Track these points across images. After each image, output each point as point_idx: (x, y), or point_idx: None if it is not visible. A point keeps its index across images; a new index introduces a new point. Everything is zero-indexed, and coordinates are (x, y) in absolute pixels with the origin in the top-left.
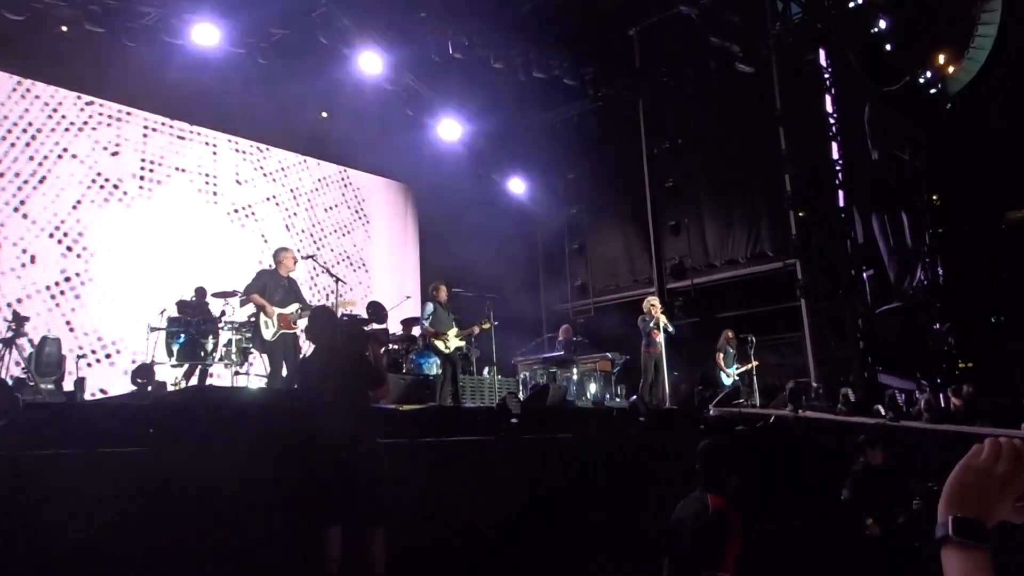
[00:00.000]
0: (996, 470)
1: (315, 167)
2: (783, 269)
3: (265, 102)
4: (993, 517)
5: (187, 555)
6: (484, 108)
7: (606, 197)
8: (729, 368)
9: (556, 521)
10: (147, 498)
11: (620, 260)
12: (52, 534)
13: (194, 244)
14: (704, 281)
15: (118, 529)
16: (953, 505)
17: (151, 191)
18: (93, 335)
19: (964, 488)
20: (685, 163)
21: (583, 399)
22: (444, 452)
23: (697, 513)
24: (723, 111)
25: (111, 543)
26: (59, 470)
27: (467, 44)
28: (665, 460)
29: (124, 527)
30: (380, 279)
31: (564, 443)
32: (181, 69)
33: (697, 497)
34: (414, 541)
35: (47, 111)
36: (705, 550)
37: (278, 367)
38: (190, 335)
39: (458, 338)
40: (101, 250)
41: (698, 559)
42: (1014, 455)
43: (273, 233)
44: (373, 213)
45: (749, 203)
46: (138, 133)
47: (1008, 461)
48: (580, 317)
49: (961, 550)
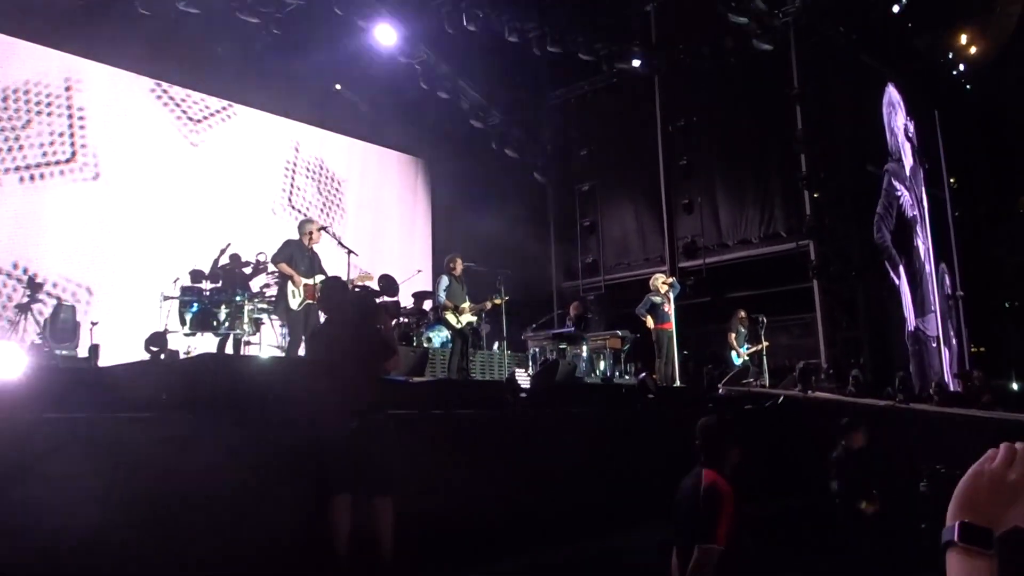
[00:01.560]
0: (1009, 476)
1: (328, 139)
2: (796, 250)
3: (278, 73)
4: (1004, 524)
5: (195, 520)
6: (498, 83)
7: (619, 174)
8: (740, 348)
9: (564, 496)
10: (158, 463)
11: (632, 238)
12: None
13: (204, 216)
14: (716, 260)
15: (128, 492)
16: (962, 510)
17: (162, 162)
18: (109, 302)
19: (974, 493)
20: (699, 141)
21: (592, 376)
22: (453, 425)
23: (693, 487)
24: (739, 89)
25: (120, 506)
26: (72, 434)
27: (481, 16)
28: (673, 438)
29: (136, 488)
30: (391, 253)
31: (572, 419)
32: (194, 39)
33: (696, 472)
34: (420, 513)
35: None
36: (697, 524)
37: (298, 338)
38: (203, 304)
39: (471, 312)
40: (116, 222)
41: (691, 532)
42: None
43: (282, 205)
44: (385, 187)
45: (763, 183)
46: (147, 102)
47: (1022, 467)
48: (591, 294)
49: (966, 555)
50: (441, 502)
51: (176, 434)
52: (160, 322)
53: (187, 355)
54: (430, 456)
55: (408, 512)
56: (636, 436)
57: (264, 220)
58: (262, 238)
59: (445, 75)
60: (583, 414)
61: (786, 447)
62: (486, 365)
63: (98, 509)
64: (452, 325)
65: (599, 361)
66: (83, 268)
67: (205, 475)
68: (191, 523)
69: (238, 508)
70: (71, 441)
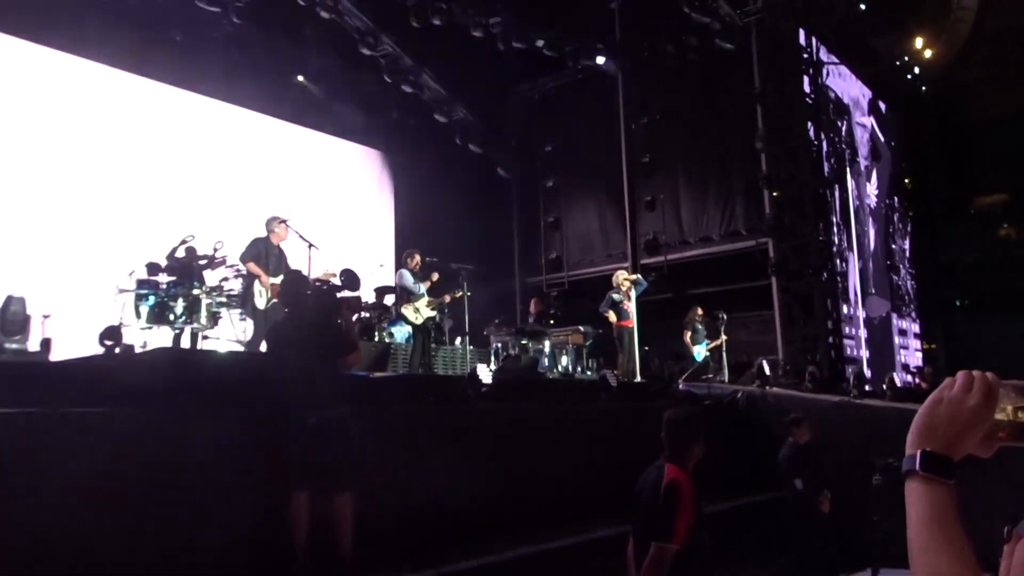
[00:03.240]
0: (968, 402)
1: (289, 131)
2: (756, 247)
3: (239, 64)
4: (961, 451)
5: (151, 518)
6: (462, 77)
7: (582, 171)
8: (699, 344)
9: (525, 491)
10: (111, 459)
11: (595, 234)
12: (12, 493)
13: (160, 207)
14: (678, 257)
15: (81, 490)
16: (922, 438)
17: (119, 150)
18: (62, 295)
19: (934, 420)
20: (662, 139)
21: (554, 371)
22: (414, 420)
23: (654, 482)
24: (702, 88)
25: (74, 504)
26: (23, 429)
27: (446, 10)
28: (633, 432)
29: (88, 488)
30: (353, 247)
31: (534, 413)
32: (153, 26)
33: (659, 466)
34: (382, 509)
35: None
36: (656, 520)
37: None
38: (159, 298)
39: (429, 307)
40: (70, 211)
41: (649, 527)
42: (986, 388)
43: (243, 198)
44: (347, 180)
45: (725, 181)
46: (107, 90)
47: (979, 394)
48: (554, 290)
49: (927, 484)
50: (402, 499)
51: (130, 430)
52: (115, 315)
53: (143, 349)
54: (391, 452)
55: (368, 509)
56: (597, 430)
57: (222, 212)
58: (220, 230)
59: (409, 68)
60: (545, 409)
61: (745, 442)
62: (448, 360)
63: (48, 507)
64: (411, 321)
65: (561, 356)
66: (35, 259)
67: (160, 472)
68: (146, 521)
69: (195, 505)
70: (20, 437)
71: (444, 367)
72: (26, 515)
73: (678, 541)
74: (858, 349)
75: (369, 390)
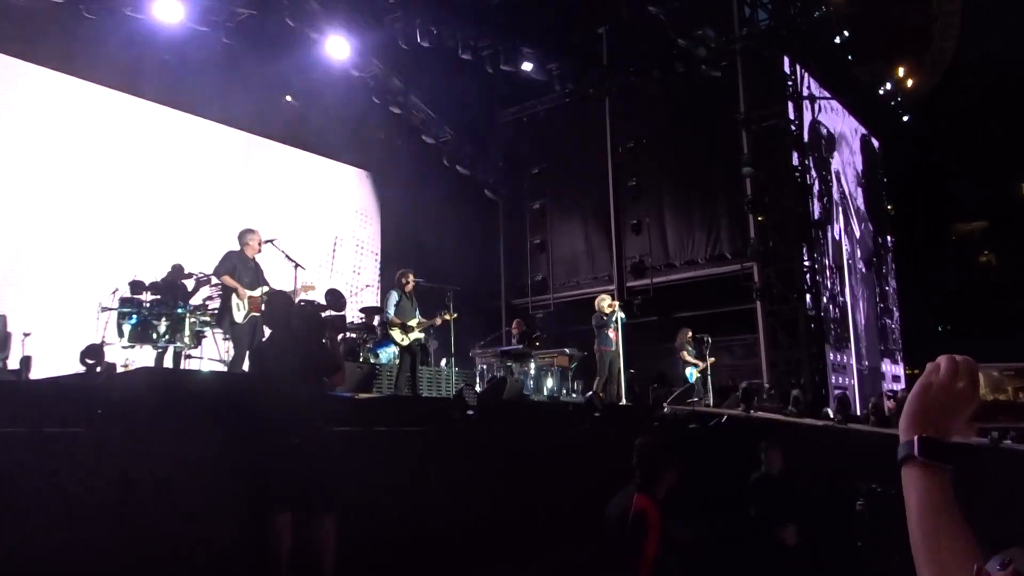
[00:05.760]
0: (956, 386)
1: (277, 151)
2: (741, 271)
3: (228, 83)
4: (951, 435)
5: (132, 540)
6: (450, 99)
7: (569, 194)
8: (692, 367)
9: (508, 514)
10: (92, 480)
11: (581, 257)
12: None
13: (147, 224)
14: (663, 280)
15: (61, 511)
16: (916, 424)
17: (105, 168)
18: (43, 313)
19: (926, 406)
20: (649, 163)
21: (540, 394)
22: (399, 442)
23: (622, 512)
24: (688, 113)
25: (54, 524)
26: (1, 449)
27: (435, 33)
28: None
29: (68, 508)
30: (340, 267)
31: (519, 436)
32: (142, 45)
33: (628, 493)
34: (365, 531)
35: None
36: (620, 550)
37: (243, 352)
38: (142, 316)
39: (419, 329)
40: (53, 227)
41: (614, 557)
42: (969, 370)
43: (229, 216)
44: (334, 200)
45: (710, 205)
46: (95, 108)
47: (966, 377)
48: (539, 312)
49: (924, 469)
50: (385, 520)
51: (111, 451)
52: (97, 334)
53: (124, 368)
54: (375, 473)
55: (351, 530)
56: (582, 454)
57: (208, 231)
58: (206, 249)
59: (397, 90)
60: (530, 431)
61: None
62: (434, 382)
63: (27, 528)
64: (398, 342)
65: (546, 378)
66: (17, 276)
67: (142, 493)
68: (126, 543)
69: (176, 527)
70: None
71: (429, 388)
72: (4, 535)
73: (645, 570)
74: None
75: (354, 411)
